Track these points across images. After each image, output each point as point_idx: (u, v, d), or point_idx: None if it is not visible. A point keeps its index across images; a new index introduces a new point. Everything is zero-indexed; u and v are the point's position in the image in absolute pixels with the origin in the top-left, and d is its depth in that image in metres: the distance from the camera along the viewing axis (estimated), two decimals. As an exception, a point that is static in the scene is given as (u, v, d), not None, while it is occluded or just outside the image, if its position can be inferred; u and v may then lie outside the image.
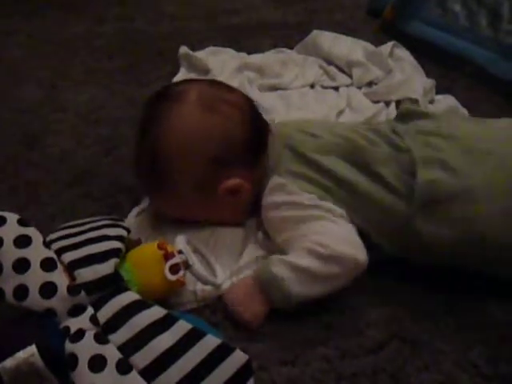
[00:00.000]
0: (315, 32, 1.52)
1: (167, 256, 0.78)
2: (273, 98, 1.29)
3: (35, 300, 0.69)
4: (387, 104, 1.27)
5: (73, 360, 0.66)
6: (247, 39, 1.61)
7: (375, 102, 1.28)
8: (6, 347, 0.64)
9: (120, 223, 0.84)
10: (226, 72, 1.34)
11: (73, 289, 0.70)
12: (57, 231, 0.79)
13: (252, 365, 0.66)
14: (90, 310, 0.70)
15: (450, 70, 1.43)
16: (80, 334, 0.68)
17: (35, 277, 0.70)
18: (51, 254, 0.72)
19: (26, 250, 0.71)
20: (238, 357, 0.65)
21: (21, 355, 0.63)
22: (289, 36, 1.61)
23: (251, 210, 0.93)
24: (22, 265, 0.70)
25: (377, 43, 1.48)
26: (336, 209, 0.83)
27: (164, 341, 0.66)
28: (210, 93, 0.89)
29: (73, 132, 1.22)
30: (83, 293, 0.70)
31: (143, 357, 0.65)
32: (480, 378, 0.75)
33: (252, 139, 0.88)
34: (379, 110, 1.24)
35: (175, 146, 0.86)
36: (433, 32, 1.56)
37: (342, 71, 1.41)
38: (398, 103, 1.27)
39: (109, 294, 0.71)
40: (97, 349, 0.66)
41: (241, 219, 0.94)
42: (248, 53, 1.49)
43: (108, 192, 1.03)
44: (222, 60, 1.44)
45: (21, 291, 0.69)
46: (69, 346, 0.67)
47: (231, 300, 0.81)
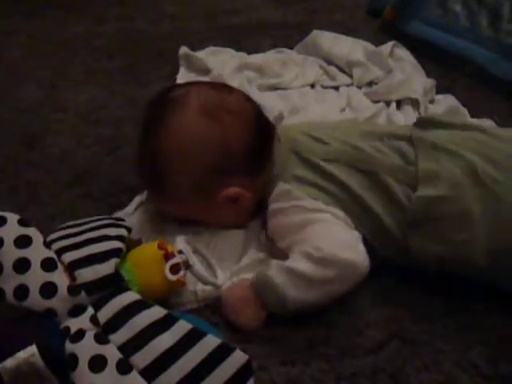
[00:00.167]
0: (315, 32, 1.52)
1: (167, 256, 0.78)
2: (273, 98, 1.29)
3: (35, 300, 0.69)
4: (387, 104, 1.27)
5: (73, 360, 0.66)
6: (247, 39, 1.61)
7: (375, 102, 1.28)
8: (7, 347, 0.64)
9: (121, 223, 0.84)
10: (226, 72, 1.34)
11: (73, 289, 0.70)
12: (57, 231, 0.79)
13: (252, 365, 0.66)
14: (91, 310, 0.70)
15: (451, 70, 1.42)
16: (80, 334, 0.68)
17: (35, 277, 0.70)
18: (51, 254, 0.72)
19: (27, 250, 0.71)
20: (238, 357, 0.65)
21: (21, 355, 0.63)
22: (289, 36, 1.61)
23: (253, 213, 0.94)
24: (23, 265, 0.70)
25: (377, 43, 1.48)
26: (340, 214, 0.83)
27: (164, 341, 0.66)
28: (213, 98, 0.88)
29: (73, 132, 1.21)
30: (83, 293, 0.70)
31: (143, 357, 0.65)
32: (480, 378, 0.75)
33: (254, 148, 0.87)
34: (379, 110, 1.24)
35: (175, 151, 0.86)
36: (433, 32, 1.56)
37: (343, 71, 1.41)
38: (399, 103, 1.27)
39: (109, 294, 0.71)
40: (97, 349, 0.66)
41: (242, 223, 0.94)
42: (248, 53, 1.49)
43: (108, 192, 1.03)
44: (222, 60, 1.44)
45: (21, 291, 0.69)
46: (69, 346, 0.67)
47: (227, 302, 0.81)
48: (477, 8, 1.52)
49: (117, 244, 0.76)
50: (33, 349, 0.63)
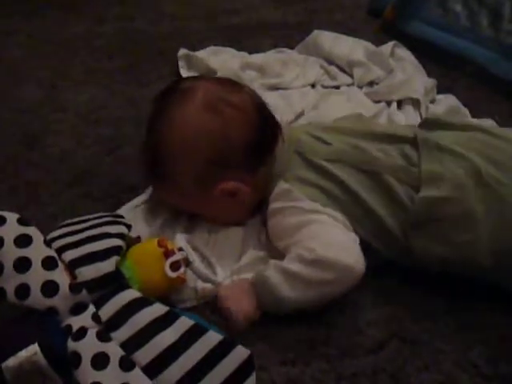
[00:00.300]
0: (316, 32, 1.52)
1: (167, 253, 0.78)
2: (274, 98, 1.29)
3: (37, 299, 0.69)
4: (388, 104, 1.27)
5: (76, 358, 0.66)
6: (248, 39, 1.61)
7: (376, 102, 1.28)
8: (9, 346, 0.64)
9: (120, 220, 0.84)
10: (227, 71, 1.34)
11: (74, 287, 0.70)
12: (57, 229, 0.80)
13: (254, 360, 0.66)
14: (92, 308, 0.70)
15: (451, 70, 1.42)
16: (82, 332, 0.68)
17: (36, 276, 0.70)
18: (52, 253, 0.72)
19: (27, 250, 0.71)
20: (240, 352, 0.66)
21: (23, 354, 0.63)
22: (289, 36, 1.61)
23: (253, 210, 0.94)
24: (23, 264, 0.70)
25: (377, 43, 1.48)
26: (338, 216, 0.83)
27: (166, 337, 0.67)
28: (216, 93, 0.88)
29: (73, 132, 1.21)
30: (85, 291, 0.71)
31: (146, 354, 0.66)
32: (480, 378, 0.75)
33: (254, 143, 0.87)
34: (380, 110, 1.24)
35: (176, 144, 0.86)
36: (434, 32, 1.56)
37: (343, 71, 1.41)
38: (400, 103, 1.27)
39: (110, 292, 0.71)
40: (99, 346, 0.67)
41: (241, 219, 0.94)
42: (248, 53, 1.49)
43: (108, 192, 1.03)
44: (223, 60, 1.44)
45: (22, 290, 0.69)
46: (71, 345, 0.67)
47: (222, 297, 0.81)
48: (477, 8, 1.52)
49: (117, 242, 0.76)
50: (35, 347, 0.64)
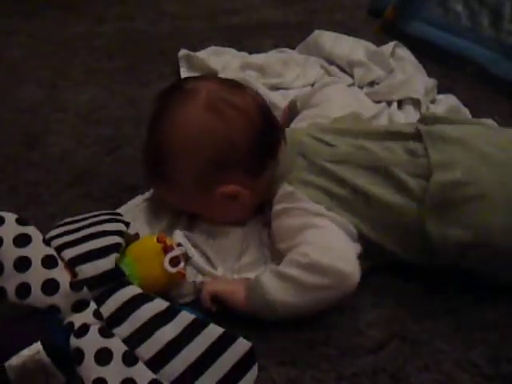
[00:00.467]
0: (317, 32, 1.52)
1: (166, 249, 0.79)
2: (274, 98, 1.28)
3: (38, 297, 0.69)
4: (389, 104, 1.27)
5: (79, 355, 0.67)
6: (248, 39, 1.60)
7: (377, 102, 1.28)
8: (11, 345, 0.65)
9: (119, 218, 0.84)
10: (228, 72, 1.33)
11: (75, 285, 0.71)
12: (56, 228, 0.80)
13: (255, 352, 0.67)
14: (93, 305, 0.71)
15: (452, 70, 1.42)
16: (85, 329, 0.69)
17: (37, 274, 0.70)
18: (52, 252, 0.73)
19: (27, 249, 0.71)
20: (242, 344, 0.67)
21: (26, 353, 0.64)
22: (290, 36, 1.61)
23: (255, 211, 0.94)
24: (23, 263, 0.70)
25: (378, 43, 1.48)
26: (341, 221, 0.82)
27: (168, 332, 0.68)
28: (219, 94, 0.87)
29: (73, 132, 1.21)
30: (85, 288, 0.71)
31: (148, 348, 0.67)
32: (481, 378, 0.75)
33: (256, 146, 0.86)
34: (381, 110, 1.23)
35: (178, 142, 0.86)
36: (434, 32, 1.56)
37: (344, 71, 1.41)
38: (400, 103, 1.27)
39: (111, 289, 0.72)
40: (102, 342, 0.67)
41: (241, 220, 0.94)
42: (249, 53, 1.49)
43: (108, 192, 1.03)
44: (224, 60, 1.44)
45: (23, 289, 0.69)
46: (74, 341, 0.68)
47: (215, 284, 0.81)
48: (478, 8, 1.52)
49: (116, 239, 0.77)
50: (37, 346, 0.64)
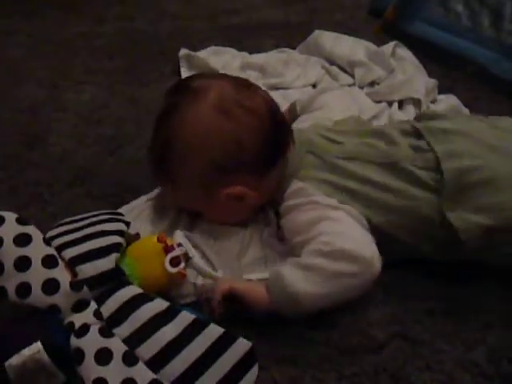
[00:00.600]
0: (317, 32, 1.52)
1: (167, 249, 0.78)
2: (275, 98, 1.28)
3: (38, 297, 0.69)
4: (389, 104, 1.27)
5: (79, 354, 0.67)
6: (249, 39, 1.61)
7: (377, 102, 1.28)
8: (11, 345, 0.65)
9: (119, 217, 0.84)
10: (229, 71, 1.33)
11: (75, 284, 0.71)
12: (56, 227, 0.80)
13: (255, 352, 0.67)
14: (94, 305, 0.71)
15: (452, 70, 1.42)
16: (85, 329, 0.69)
17: (37, 274, 0.70)
18: (52, 251, 0.73)
19: (27, 248, 0.71)
20: (242, 344, 0.67)
21: (26, 352, 0.64)
22: (290, 36, 1.61)
23: (256, 210, 0.94)
24: (24, 263, 0.70)
25: (379, 43, 1.48)
26: (355, 213, 0.82)
27: (168, 332, 0.68)
28: (230, 94, 0.86)
29: (74, 132, 1.21)
30: (86, 288, 0.71)
31: (148, 349, 0.67)
32: (481, 378, 0.75)
33: (265, 149, 0.86)
34: (381, 110, 1.24)
35: (186, 141, 0.85)
36: (435, 32, 1.56)
37: (344, 71, 1.41)
38: (401, 103, 1.27)
39: (111, 289, 0.72)
40: (102, 342, 0.67)
41: (243, 220, 0.94)
42: (250, 53, 1.49)
43: (109, 192, 1.03)
44: (224, 59, 1.44)
45: (23, 289, 0.69)
46: (74, 341, 0.68)
47: (231, 281, 0.80)
48: (478, 8, 1.52)
49: (116, 239, 0.76)
50: (38, 345, 0.64)
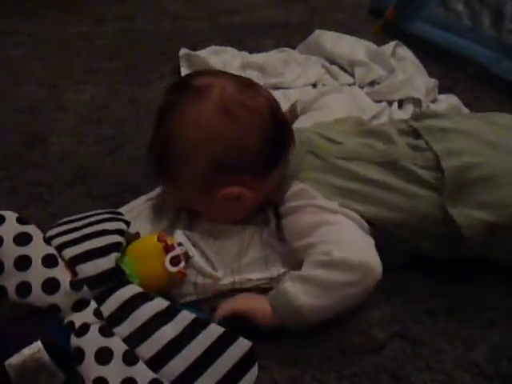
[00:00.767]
0: (317, 31, 1.52)
1: (167, 248, 0.78)
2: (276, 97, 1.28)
3: (38, 296, 0.69)
4: (390, 103, 1.27)
5: (79, 354, 0.67)
6: (249, 39, 1.61)
7: (377, 102, 1.28)
8: (12, 344, 0.65)
9: (119, 217, 0.84)
10: (229, 71, 1.33)
11: (75, 284, 0.71)
12: (56, 227, 0.79)
13: (255, 351, 0.67)
14: (94, 305, 0.71)
15: (452, 70, 1.42)
16: (85, 328, 0.69)
17: (37, 273, 0.70)
18: (52, 251, 0.73)
19: (27, 248, 0.71)
20: (242, 344, 0.67)
21: (26, 352, 0.64)
22: (291, 36, 1.61)
23: (255, 211, 0.93)
24: (24, 262, 0.70)
25: (379, 43, 1.48)
26: (354, 215, 0.82)
27: (168, 332, 0.68)
28: (233, 94, 0.85)
29: (74, 132, 1.21)
30: (86, 287, 0.71)
31: (148, 348, 0.67)
32: (482, 378, 0.75)
33: (266, 151, 0.85)
34: (382, 110, 1.24)
35: (185, 140, 0.84)
36: (435, 32, 1.56)
37: (345, 70, 1.41)
38: (401, 102, 1.27)
39: (111, 288, 0.72)
40: (102, 342, 0.67)
41: (242, 219, 0.93)
42: (250, 52, 1.49)
43: (109, 191, 1.03)
44: (225, 59, 1.44)
45: (23, 288, 0.69)
46: (74, 341, 0.68)
47: (231, 304, 0.79)
48: (479, 7, 1.52)
49: (116, 238, 0.76)
50: (38, 345, 0.64)
